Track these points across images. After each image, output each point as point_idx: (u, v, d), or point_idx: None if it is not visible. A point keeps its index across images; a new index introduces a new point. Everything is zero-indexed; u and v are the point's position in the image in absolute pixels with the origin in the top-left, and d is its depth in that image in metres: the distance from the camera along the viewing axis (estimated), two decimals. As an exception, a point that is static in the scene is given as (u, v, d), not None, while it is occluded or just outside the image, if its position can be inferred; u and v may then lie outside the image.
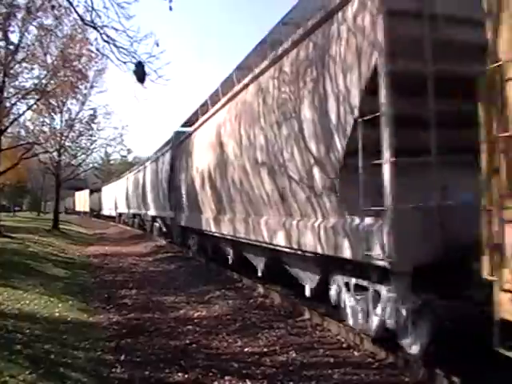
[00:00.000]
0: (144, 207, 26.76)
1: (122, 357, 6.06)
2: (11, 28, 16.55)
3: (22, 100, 18.66)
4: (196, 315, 8.40)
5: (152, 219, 25.76)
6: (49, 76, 18.43)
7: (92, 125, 27.84)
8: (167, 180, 19.08)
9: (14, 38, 17.17)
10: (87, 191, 60.13)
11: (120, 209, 39.68)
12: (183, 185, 15.85)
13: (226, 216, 11.10)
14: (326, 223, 6.30)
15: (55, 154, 26.96)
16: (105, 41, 6.52)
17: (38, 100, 19.08)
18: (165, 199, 20.03)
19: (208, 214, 12.91)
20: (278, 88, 7.45)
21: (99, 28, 6.54)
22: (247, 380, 5.29)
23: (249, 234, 9.39)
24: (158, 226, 24.31)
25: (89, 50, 18.56)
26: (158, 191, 21.44)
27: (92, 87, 26.73)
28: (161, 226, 23.55)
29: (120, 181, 39.59)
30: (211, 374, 5.44)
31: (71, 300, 9.45)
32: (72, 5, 7.15)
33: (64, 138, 26.29)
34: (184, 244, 18.28)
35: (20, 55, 17.33)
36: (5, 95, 17.32)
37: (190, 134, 14.95)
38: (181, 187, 16.41)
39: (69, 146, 27.85)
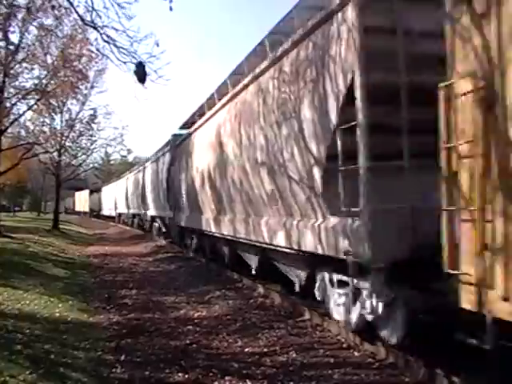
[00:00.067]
0: (143, 207, 26.92)
1: (122, 357, 6.06)
2: (11, 28, 16.63)
3: (22, 100, 18.70)
4: (196, 315, 8.40)
5: (151, 219, 25.99)
6: (49, 76, 18.45)
7: (92, 125, 27.93)
8: (166, 181, 19.30)
9: (14, 38, 17.25)
10: (87, 191, 60.15)
11: (120, 209, 39.80)
12: (183, 185, 15.86)
13: (226, 216, 11.10)
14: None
15: (55, 154, 26.98)
16: (105, 41, 6.53)
17: (38, 100, 19.09)
18: (164, 199, 20.23)
19: (207, 214, 12.91)
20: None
21: (99, 28, 6.55)
22: (247, 380, 5.29)
23: (243, 234, 9.58)
24: (158, 226, 24.58)
25: (89, 50, 18.62)
26: (157, 192, 21.61)
27: (92, 87, 26.84)
28: (160, 226, 23.82)
29: (120, 181, 39.68)
30: (211, 374, 5.44)
31: (71, 300, 9.46)
32: (72, 5, 7.16)
33: (64, 138, 26.33)
34: (182, 243, 18.56)
35: (20, 55, 17.38)
36: (5, 95, 17.33)
37: (190, 134, 14.95)
38: (180, 187, 16.44)
39: (69, 146, 27.91)
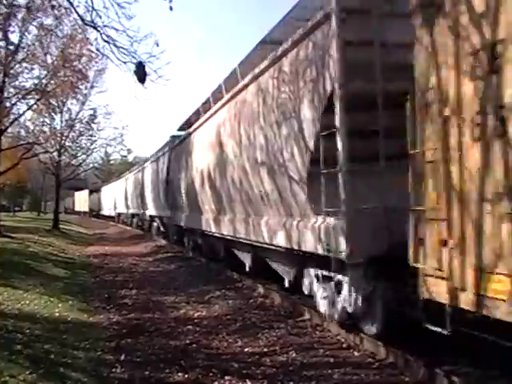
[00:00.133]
0: (142, 207, 27.13)
1: (122, 357, 6.06)
2: (11, 28, 16.63)
3: (22, 100, 18.70)
4: (196, 315, 8.40)
5: (150, 219, 26.26)
6: (49, 76, 18.45)
7: (92, 125, 27.96)
8: (165, 181, 19.49)
9: (14, 38, 17.26)
10: (87, 191, 60.21)
11: (119, 209, 39.94)
12: (182, 185, 15.86)
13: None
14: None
15: (55, 154, 26.99)
16: (105, 41, 6.53)
17: (38, 100, 19.10)
18: (162, 199, 20.45)
19: (207, 214, 12.92)
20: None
21: (99, 28, 6.55)
22: (247, 380, 5.28)
23: (238, 233, 9.88)
24: (156, 226, 24.85)
25: (89, 50, 18.60)
26: (156, 192, 21.83)
27: (92, 87, 26.86)
28: (159, 226, 24.11)
29: (119, 181, 39.76)
30: (211, 374, 5.44)
31: (71, 300, 9.46)
32: (72, 5, 7.16)
33: (64, 138, 26.35)
34: (180, 242, 18.86)
35: (20, 55, 17.38)
36: (5, 95, 17.33)
37: (190, 134, 14.95)
38: (179, 188, 16.49)
39: (69, 146, 27.94)
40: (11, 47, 16.84)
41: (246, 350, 6.40)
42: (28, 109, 19.94)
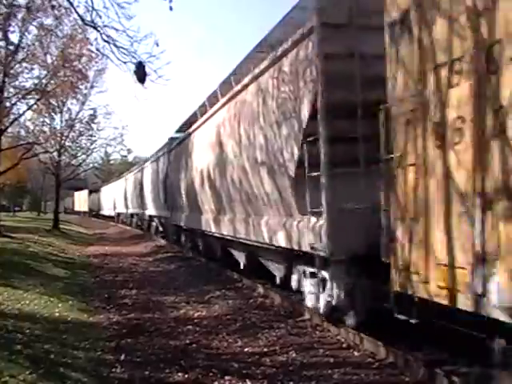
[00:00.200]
0: (142, 207, 27.37)
1: (122, 357, 6.06)
2: (11, 28, 16.61)
3: (22, 100, 18.69)
4: (196, 315, 8.40)
5: (149, 219, 26.59)
6: (49, 76, 18.44)
7: (92, 125, 27.98)
8: (163, 181, 19.71)
9: (14, 38, 17.24)
10: (86, 191, 60.29)
11: (118, 209, 40.13)
12: (182, 185, 15.85)
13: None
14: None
15: (55, 154, 26.99)
16: (105, 41, 6.52)
17: (38, 100, 19.09)
18: (161, 200, 20.69)
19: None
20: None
21: (99, 28, 6.54)
22: (247, 380, 5.29)
23: (238, 233, 10.02)
24: (155, 225, 25.17)
25: (89, 50, 18.59)
26: (155, 192, 22.05)
27: (92, 87, 26.83)
28: (157, 225, 24.45)
29: (118, 181, 39.88)
30: (211, 374, 5.44)
31: (71, 300, 9.46)
32: (72, 5, 7.16)
33: (64, 138, 26.35)
34: (178, 241, 19.18)
35: (20, 55, 17.37)
36: (5, 95, 17.32)
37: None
38: (178, 188, 16.51)
39: (69, 146, 27.95)
40: (11, 47, 16.84)
41: (246, 350, 6.40)
42: (28, 109, 19.98)
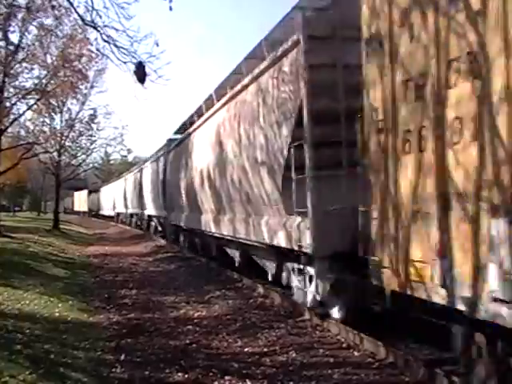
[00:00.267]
0: (141, 207, 27.61)
1: (122, 357, 6.06)
2: (11, 28, 16.62)
3: (22, 100, 18.69)
4: (196, 315, 8.40)
5: (148, 218, 26.93)
6: (49, 76, 18.43)
7: (92, 125, 27.98)
8: (162, 182, 19.96)
9: (14, 38, 17.23)
10: (86, 191, 60.36)
11: (118, 209, 40.32)
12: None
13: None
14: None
15: (55, 154, 26.99)
16: (105, 41, 6.50)
17: (38, 100, 19.09)
18: (159, 200, 20.96)
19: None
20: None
21: (99, 28, 6.51)
22: (247, 380, 5.29)
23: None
24: (154, 225, 25.51)
25: (89, 50, 18.53)
26: (154, 192, 22.31)
27: (92, 87, 26.82)
28: (156, 225, 24.82)
29: (118, 182, 40.02)
30: (211, 374, 5.44)
31: (71, 300, 9.46)
32: (72, 5, 7.16)
33: (64, 138, 26.35)
34: (176, 240, 19.59)
35: (20, 55, 17.36)
36: (5, 95, 17.31)
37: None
38: (178, 188, 16.51)
39: (69, 146, 27.94)
40: (11, 47, 16.84)
41: (246, 350, 6.40)
42: (28, 109, 19.97)
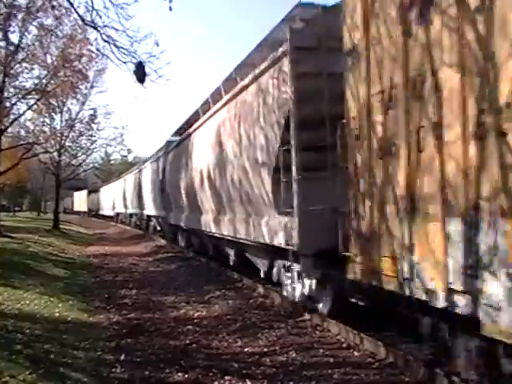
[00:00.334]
0: (140, 207, 27.77)
1: (122, 357, 6.06)
2: (11, 28, 16.59)
3: (22, 100, 18.67)
4: (196, 315, 8.40)
5: (147, 218, 27.15)
6: (49, 76, 18.43)
7: (92, 125, 27.93)
8: (160, 182, 20.10)
9: (14, 38, 17.22)
10: (85, 192, 60.41)
11: (117, 209, 40.49)
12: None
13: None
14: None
15: (55, 154, 26.97)
16: (105, 41, 6.52)
17: (38, 100, 19.08)
18: (158, 200, 21.15)
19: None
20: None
21: (99, 28, 6.54)
22: (247, 380, 5.29)
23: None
24: (153, 225, 25.78)
25: (89, 50, 18.53)
26: (153, 193, 22.44)
27: (92, 87, 26.80)
28: (155, 225, 25.09)
29: (117, 182, 40.13)
30: (211, 374, 5.45)
31: (71, 300, 9.46)
32: (72, 5, 7.17)
33: (64, 138, 26.34)
34: (175, 239, 19.93)
35: (20, 55, 17.34)
36: (5, 95, 17.30)
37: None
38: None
39: (69, 146, 27.92)
40: (11, 47, 16.82)
41: (246, 350, 6.40)
42: (28, 109, 19.95)
